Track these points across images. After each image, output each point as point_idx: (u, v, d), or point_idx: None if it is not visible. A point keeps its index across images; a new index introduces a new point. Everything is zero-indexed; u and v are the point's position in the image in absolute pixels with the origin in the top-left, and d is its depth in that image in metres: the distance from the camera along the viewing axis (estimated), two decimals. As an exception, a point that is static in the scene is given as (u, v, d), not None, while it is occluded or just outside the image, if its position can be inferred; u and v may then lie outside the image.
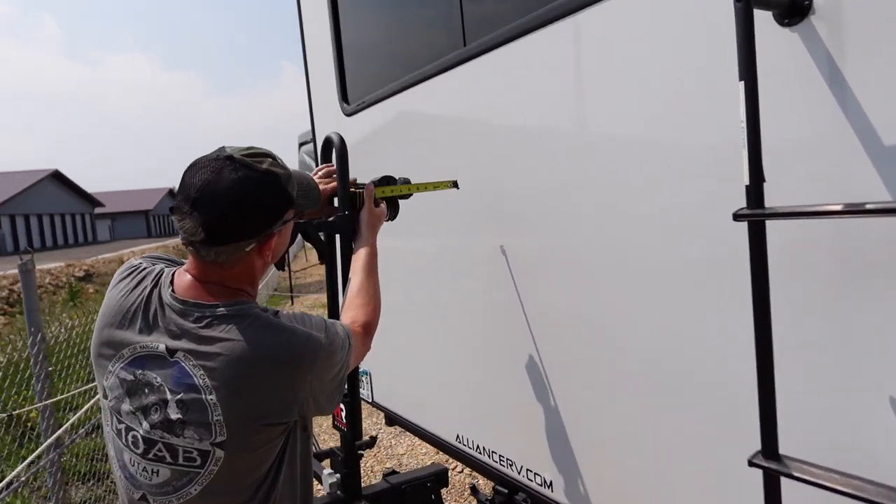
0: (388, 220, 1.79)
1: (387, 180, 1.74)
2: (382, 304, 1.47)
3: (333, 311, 1.65)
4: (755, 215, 0.92)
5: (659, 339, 1.35)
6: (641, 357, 1.40)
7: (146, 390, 1.14)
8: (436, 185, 1.82)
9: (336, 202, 1.61)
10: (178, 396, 1.11)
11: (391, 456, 4.39)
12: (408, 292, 2.45)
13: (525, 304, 1.76)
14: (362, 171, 2.69)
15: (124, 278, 1.26)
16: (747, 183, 0.92)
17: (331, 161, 1.67)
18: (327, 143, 1.63)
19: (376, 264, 1.56)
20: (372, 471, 4.16)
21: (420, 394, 2.56)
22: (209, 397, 1.10)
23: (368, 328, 1.42)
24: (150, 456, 1.14)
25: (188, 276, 1.19)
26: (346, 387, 1.31)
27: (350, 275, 1.52)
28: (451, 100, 1.99)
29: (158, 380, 1.13)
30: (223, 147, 1.17)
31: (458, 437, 2.23)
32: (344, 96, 2.71)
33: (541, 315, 1.74)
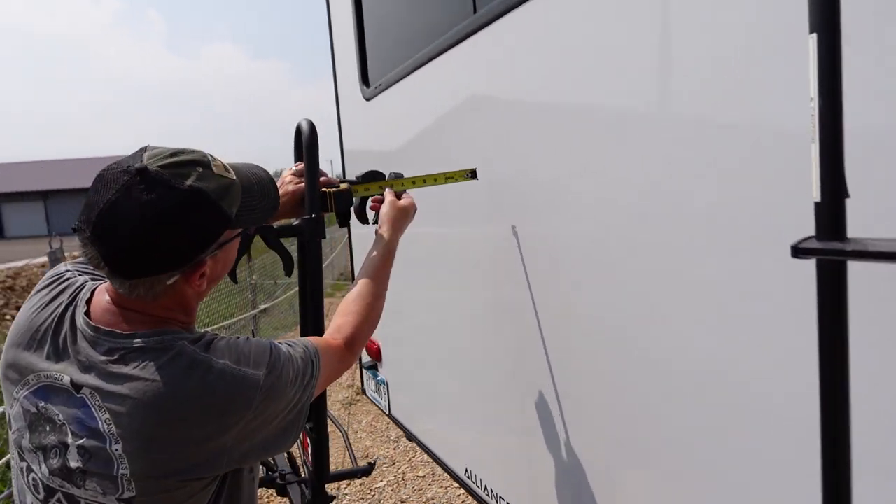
0: (374, 223, 1.52)
1: (372, 175, 1.46)
2: (403, 311, 1.21)
3: (305, 329, 1.39)
4: (830, 252, 0.58)
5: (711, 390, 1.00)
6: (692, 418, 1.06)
7: (47, 427, 0.96)
8: (448, 177, 1.52)
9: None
10: (80, 441, 0.92)
11: (425, 462, 4.16)
12: (429, 303, 2.17)
13: (548, 344, 1.45)
14: (384, 159, 2.48)
15: (42, 289, 1.07)
16: (817, 199, 0.58)
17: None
18: (297, 132, 1.36)
19: (389, 267, 1.33)
20: (404, 478, 3.95)
21: (433, 415, 2.28)
22: (114, 447, 0.90)
23: (353, 342, 1.20)
24: None
25: (106, 298, 0.99)
26: (305, 418, 1.08)
27: (357, 275, 1.31)
28: (472, 73, 1.67)
29: (61, 417, 0.94)
30: (142, 150, 0.94)
31: (466, 471, 1.94)
32: (364, 79, 2.45)
33: (564, 356, 1.42)
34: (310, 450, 1.44)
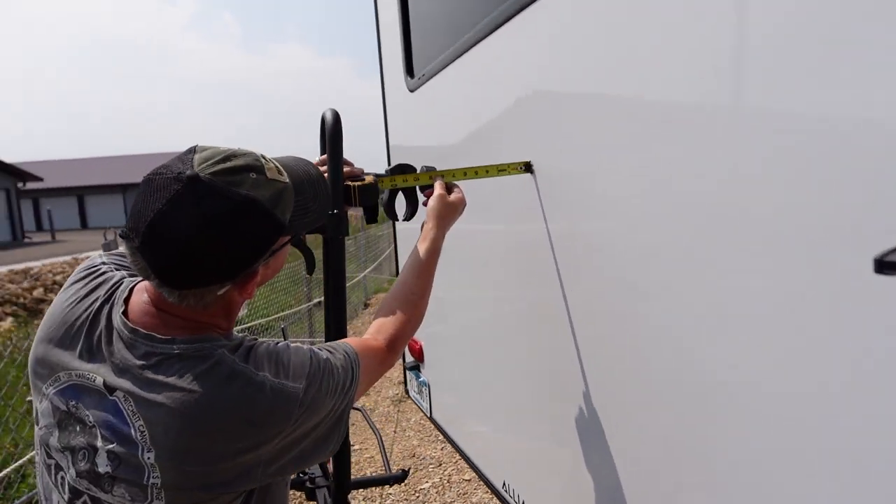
0: (404, 220, 1.43)
1: (401, 170, 1.37)
2: (446, 310, 1.15)
3: (329, 331, 1.32)
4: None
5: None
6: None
7: (77, 428, 0.93)
8: (501, 170, 1.41)
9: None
10: (110, 447, 0.89)
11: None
12: (473, 304, 2.06)
13: (599, 357, 1.32)
14: (428, 154, 2.38)
15: (77, 281, 1.05)
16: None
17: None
18: (322, 122, 1.29)
19: (434, 265, 1.28)
20: (449, 480, 3.86)
21: (473, 422, 2.18)
22: (146, 456, 0.87)
23: (395, 343, 1.16)
24: None
25: (145, 298, 0.95)
26: (346, 426, 1.04)
27: (401, 272, 1.26)
28: (520, 57, 1.53)
29: (91, 419, 0.92)
30: (191, 152, 0.89)
31: (504, 484, 1.83)
32: (409, 69, 2.36)
33: (613, 374, 1.28)
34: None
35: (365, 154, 2.79)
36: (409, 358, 2.77)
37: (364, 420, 4.80)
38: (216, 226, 0.84)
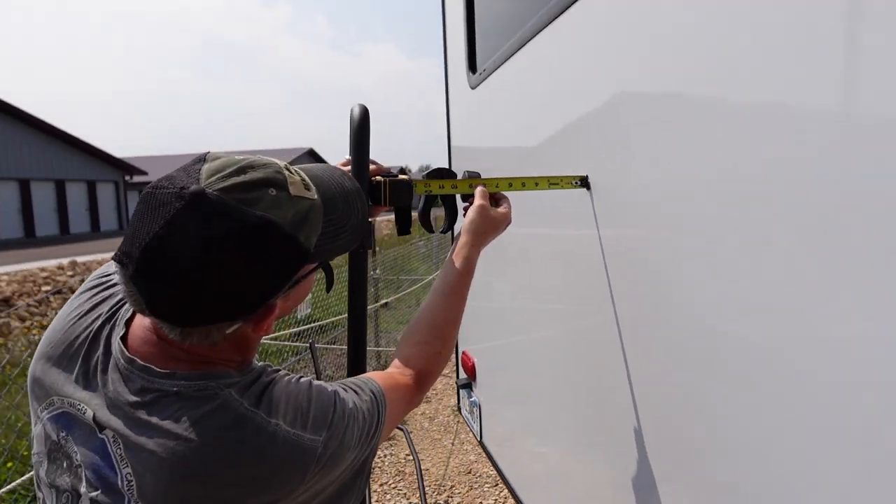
0: (442, 232, 1.25)
1: (439, 174, 1.18)
2: (501, 326, 1.06)
3: (358, 363, 1.15)
4: None
5: None
6: None
7: (64, 464, 0.81)
8: (553, 183, 1.22)
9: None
10: (93, 494, 0.76)
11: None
12: (530, 321, 1.85)
13: (669, 395, 1.09)
14: (488, 155, 2.18)
15: (86, 291, 0.92)
16: None
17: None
18: (351, 118, 1.12)
19: (467, 287, 1.09)
20: (505, 503, 3.63)
21: (525, 457, 1.95)
22: None
23: (424, 380, 1.01)
24: None
25: (147, 322, 0.80)
26: (368, 475, 0.90)
27: (430, 292, 1.09)
28: (583, 50, 1.31)
29: (78, 457, 0.79)
30: (201, 161, 0.74)
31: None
32: (471, 65, 2.17)
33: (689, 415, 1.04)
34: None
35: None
36: (462, 374, 2.57)
37: (420, 430, 4.66)
38: (225, 254, 0.68)
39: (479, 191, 1.14)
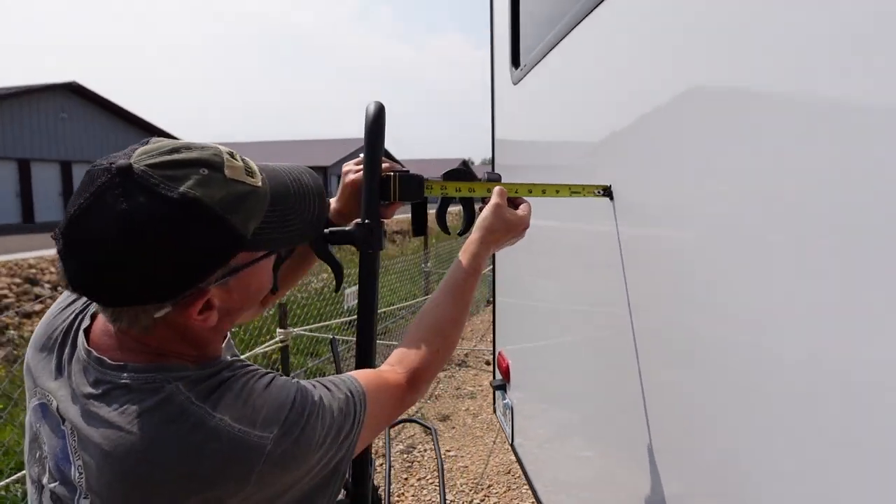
0: (459, 234, 1.21)
1: (459, 175, 1.14)
2: (536, 326, 1.03)
3: (364, 352, 1.13)
4: None
5: None
6: None
7: (37, 455, 0.82)
8: (574, 192, 1.17)
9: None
10: (52, 486, 0.78)
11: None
12: (565, 323, 1.78)
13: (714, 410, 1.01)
14: (530, 152, 2.12)
15: None
16: None
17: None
18: (366, 115, 1.10)
19: (471, 286, 1.05)
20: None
21: (556, 466, 1.89)
22: (82, 502, 0.74)
23: (418, 379, 0.96)
24: None
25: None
26: (342, 478, 0.85)
27: (435, 293, 1.06)
28: (628, 41, 1.23)
29: (46, 449, 0.80)
30: (144, 143, 0.74)
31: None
32: (515, 60, 2.10)
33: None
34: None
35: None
36: (498, 375, 2.53)
37: (463, 426, 4.65)
38: (142, 230, 0.66)
39: (496, 189, 1.10)
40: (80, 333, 0.81)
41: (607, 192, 1.19)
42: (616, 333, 1.33)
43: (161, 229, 0.67)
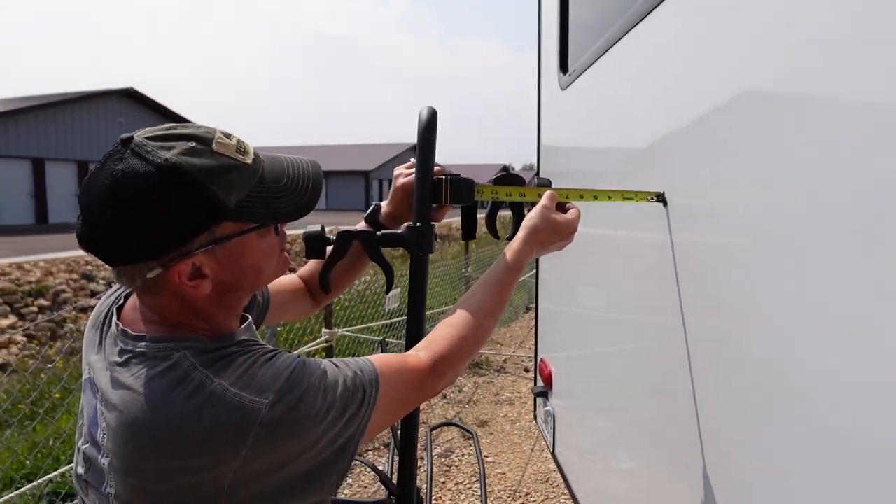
0: (508, 238, 1.21)
1: (507, 180, 1.15)
2: (578, 333, 1.02)
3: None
4: None
5: None
6: None
7: (79, 422, 0.91)
8: (627, 197, 1.16)
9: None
10: (84, 447, 0.85)
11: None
12: (608, 331, 1.76)
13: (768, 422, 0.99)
14: (577, 159, 2.10)
15: None
16: None
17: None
18: (419, 120, 1.11)
19: (510, 283, 1.06)
20: None
21: (597, 476, 1.87)
22: (103, 461, 0.80)
23: (441, 364, 0.95)
24: None
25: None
26: (350, 459, 0.84)
27: (474, 286, 1.07)
28: (683, 46, 1.21)
29: (84, 417, 0.88)
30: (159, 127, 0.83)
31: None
32: (563, 65, 2.09)
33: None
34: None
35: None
36: (539, 382, 2.51)
37: (501, 432, 4.62)
38: (127, 190, 0.74)
39: (547, 193, 1.10)
40: (114, 310, 0.89)
41: (660, 198, 1.17)
42: (667, 344, 1.30)
43: (146, 191, 0.74)
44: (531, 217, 1.08)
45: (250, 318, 0.97)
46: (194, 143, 0.78)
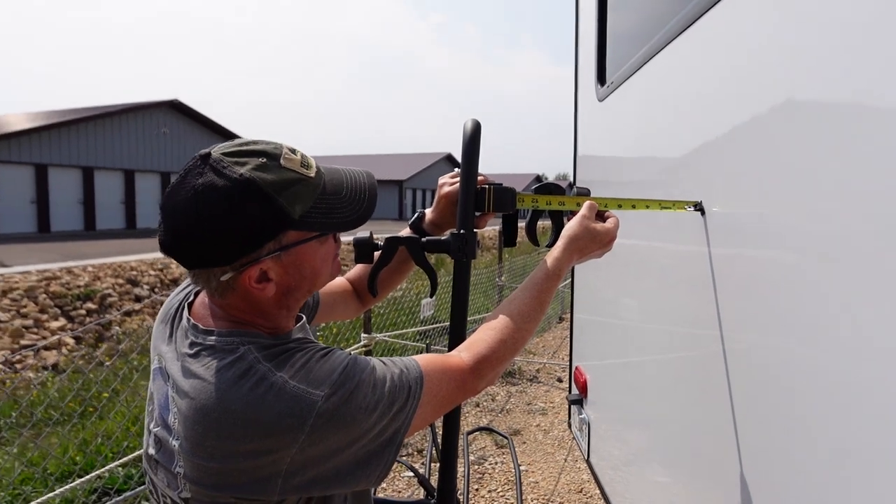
0: (547, 246, 1.24)
1: (548, 190, 1.19)
2: (614, 342, 1.06)
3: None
4: None
5: None
6: None
7: (149, 408, 1.00)
8: (664, 207, 1.19)
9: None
10: (156, 430, 0.94)
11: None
12: (644, 340, 1.77)
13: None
14: (614, 170, 2.12)
15: None
16: None
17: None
18: (464, 132, 1.16)
19: (549, 290, 1.10)
20: None
21: (633, 485, 1.87)
22: (174, 443, 0.89)
23: (482, 366, 1.00)
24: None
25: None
26: (396, 451, 0.90)
27: (514, 292, 1.11)
28: (725, 56, 1.24)
29: (154, 402, 0.97)
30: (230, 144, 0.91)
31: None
32: (600, 76, 2.12)
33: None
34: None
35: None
36: (574, 390, 2.52)
37: (534, 441, 4.61)
38: (207, 202, 0.82)
39: (586, 203, 1.14)
40: (185, 306, 0.98)
41: (698, 207, 1.19)
42: (706, 356, 1.32)
43: (223, 203, 0.82)
44: (571, 226, 1.12)
45: (304, 317, 1.05)
46: (265, 160, 0.85)
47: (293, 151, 0.90)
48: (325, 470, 0.85)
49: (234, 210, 0.82)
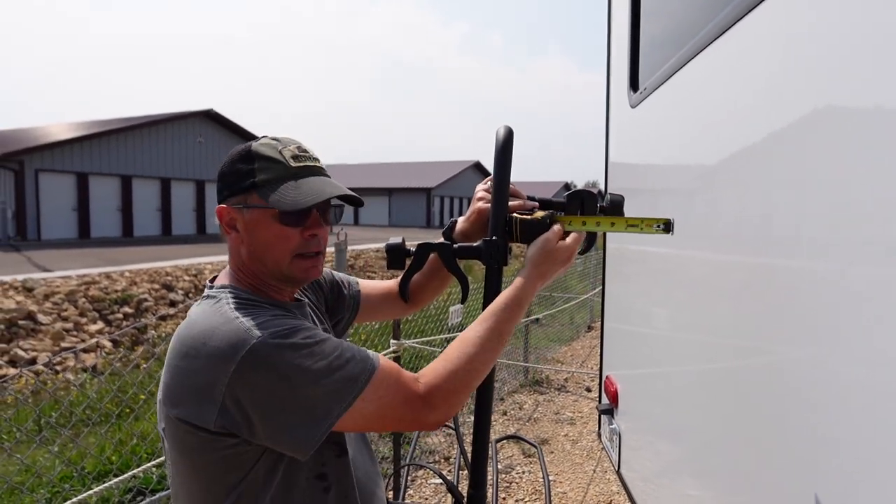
0: (579, 253, 1.24)
1: (580, 197, 1.18)
2: (647, 351, 1.08)
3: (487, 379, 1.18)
4: None
5: None
6: None
7: None
8: (631, 224, 1.14)
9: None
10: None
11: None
12: (679, 348, 1.74)
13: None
14: (646, 177, 2.10)
15: None
16: None
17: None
18: (496, 139, 1.17)
19: (510, 319, 1.08)
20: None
21: (664, 494, 1.84)
22: (159, 397, 1.04)
23: (433, 396, 0.99)
24: None
25: None
26: (324, 434, 0.94)
27: (480, 317, 1.10)
28: (759, 61, 1.22)
29: None
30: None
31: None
32: (633, 83, 2.11)
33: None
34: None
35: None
36: (605, 400, 2.49)
37: (562, 451, 4.56)
38: (229, 155, 1.10)
39: (554, 228, 1.14)
40: None
41: (667, 227, 1.13)
42: (742, 365, 1.29)
43: (234, 156, 1.09)
44: (531, 251, 1.12)
45: (306, 301, 1.20)
46: (277, 142, 1.08)
47: (298, 148, 1.09)
48: (250, 412, 0.92)
49: (233, 162, 1.07)
